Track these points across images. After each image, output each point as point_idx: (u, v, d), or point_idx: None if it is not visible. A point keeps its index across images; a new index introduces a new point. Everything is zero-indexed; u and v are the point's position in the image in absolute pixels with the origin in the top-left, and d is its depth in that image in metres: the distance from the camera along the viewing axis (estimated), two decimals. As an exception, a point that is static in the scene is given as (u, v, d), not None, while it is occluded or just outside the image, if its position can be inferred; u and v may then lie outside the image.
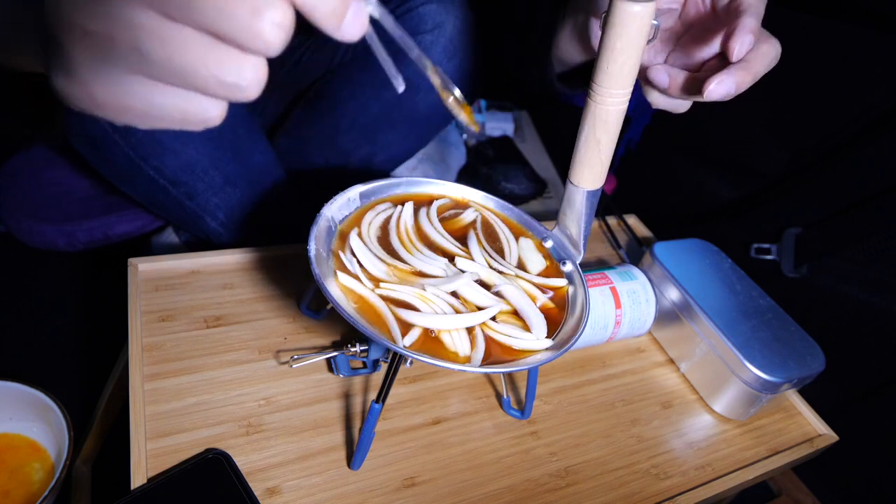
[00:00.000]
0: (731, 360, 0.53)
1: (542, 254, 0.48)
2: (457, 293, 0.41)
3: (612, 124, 0.37)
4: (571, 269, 0.46)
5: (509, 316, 0.42)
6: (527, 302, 0.42)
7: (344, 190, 0.46)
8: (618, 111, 0.37)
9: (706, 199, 1.00)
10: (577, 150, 0.40)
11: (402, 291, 0.40)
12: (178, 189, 0.67)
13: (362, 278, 0.40)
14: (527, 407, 0.50)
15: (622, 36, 0.33)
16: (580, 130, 0.39)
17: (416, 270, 0.43)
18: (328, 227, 0.43)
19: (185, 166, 0.66)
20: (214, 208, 0.70)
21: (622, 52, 0.34)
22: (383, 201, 0.48)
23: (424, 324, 0.38)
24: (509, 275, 0.45)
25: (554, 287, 0.45)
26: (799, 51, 0.86)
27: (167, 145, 0.64)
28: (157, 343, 0.49)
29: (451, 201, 0.51)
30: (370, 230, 0.44)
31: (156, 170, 0.65)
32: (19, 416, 0.61)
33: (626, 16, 0.33)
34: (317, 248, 0.39)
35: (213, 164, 0.67)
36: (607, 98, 0.36)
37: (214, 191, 0.69)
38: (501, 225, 0.50)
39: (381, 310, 0.39)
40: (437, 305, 0.40)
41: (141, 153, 0.63)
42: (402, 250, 0.44)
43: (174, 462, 0.42)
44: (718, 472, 0.51)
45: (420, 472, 0.45)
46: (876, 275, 0.75)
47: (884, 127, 0.75)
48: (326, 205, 0.43)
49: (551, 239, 0.48)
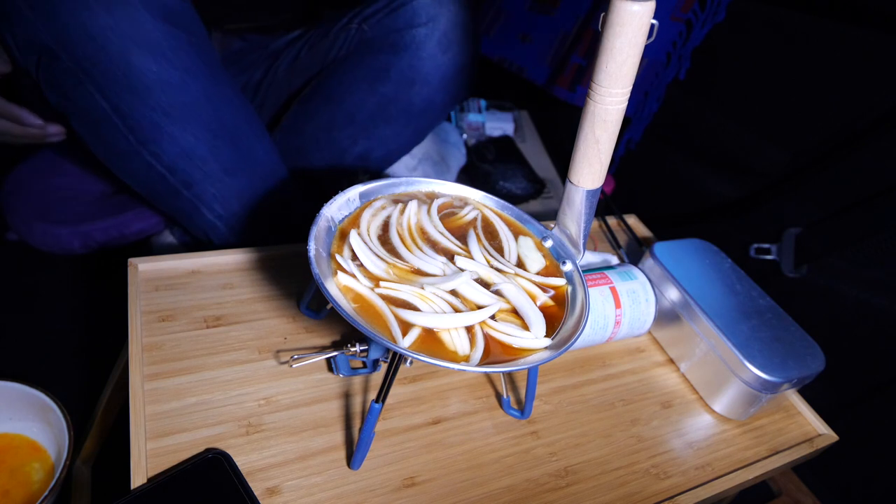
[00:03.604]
0: (731, 360, 0.53)
1: (541, 253, 0.48)
2: (456, 292, 0.41)
3: (611, 123, 0.37)
4: (571, 269, 0.46)
5: (508, 314, 0.42)
6: (526, 300, 0.42)
7: (343, 190, 0.46)
8: (617, 111, 0.37)
9: (706, 199, 1.01)
10: (577, 150, 0.40)
11: (402, 290, 0.40)
12: (176, 177, 0.67)
13: (360, 277, 0.40)
14: (527, 407, 0.50)
15: (621, 35, 0.33)
16: (580, 130, 0.39)
17: (416, 269, 0.43)
18: (328, 226, 0.43)
19: (183, 153, 0.65)
20: (211, 199, 0.70)
21: (621, 52, 0.34)
22: (382, 200, 0.48)
23: (424, 323, 0.38)
24: (508, 273, 0.45)
25: (553, 286, 0.45)
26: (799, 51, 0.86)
27: (166, 130, 0.63)
28: (157, 343, 0.49)
29: (451, 198, 0.51)
30: (370, 228, 0.44)
31: (154, 156, 0.65)
32: (19, 416, 0.61)
33: (625, 15, 0.33)
34: (316, 247, 0.39)
35: (211, 152, 0.67)
36: (606, 97, 0.36)
37: (212, 180, 0.69)
38: (501, 223, 0.50)
39: (381, 309, 0.39)
40: (437, 304, 0.40)
41: (140, 137, 0.63)
42: (402, 248, 0.44)
43: (174, 462, 0.42)
44: (718, 472, 0.51)
45: (420, 472, 0.46)
46: (876, 275, 0.75)
47: (884, 127, 0.75)
48: (326, 205, 0.43)
49: (551, 238, 0.49)
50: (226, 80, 0.67)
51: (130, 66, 0.59)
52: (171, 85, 0.61)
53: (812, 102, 0.85)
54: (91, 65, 0.58)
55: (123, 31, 0.57)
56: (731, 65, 0.97)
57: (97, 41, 0.57)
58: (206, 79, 0.64)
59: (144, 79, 0.60)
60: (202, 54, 0.63)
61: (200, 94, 0.63)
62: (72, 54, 0.58)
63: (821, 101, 0.83)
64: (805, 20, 0.83)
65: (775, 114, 0.90)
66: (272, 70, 0.90)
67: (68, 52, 0.58)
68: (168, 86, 0.61)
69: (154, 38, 0.59)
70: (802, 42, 0.85)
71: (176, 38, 0.60)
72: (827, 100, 0.83)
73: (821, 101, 0.83)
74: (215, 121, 0.66)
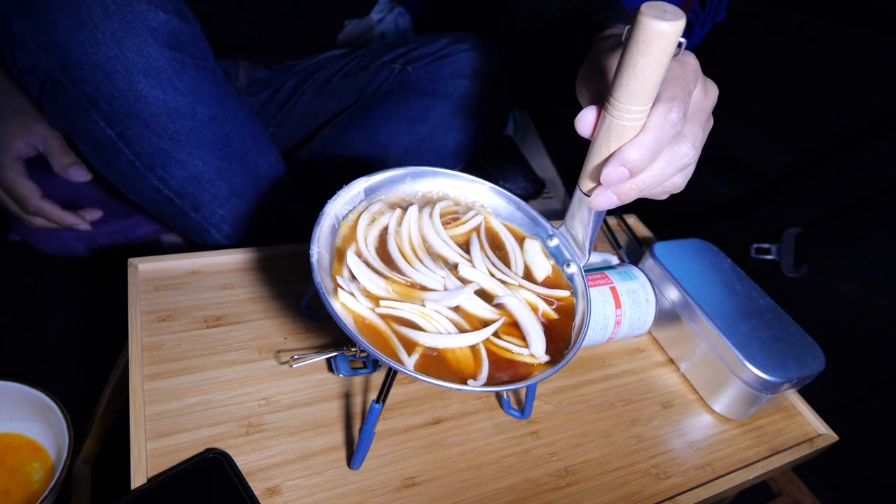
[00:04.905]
0: (731, 360, 0.53)
1: (546, 256, 0.48)
2: (458, 307, 0.41)
3: (627, 139, 0.36)
4: (574, 272, 0.46)
5: (509, 327, 0.41)
6: (528, 315, 0.42)
7: (348, 184, 0.44)
8: (635, 127, 0.35)
9: (706, 199, 1.00)
10: (590, 160, 0.39)
11: (403, 309, 0.39)
12: (184, 200, 0.66)
13: (360, 297, 0.39)
14: (527, 407, 0.50)
15: (646, 54, 0.31)
16: (594, 140, 0.38)
17: (415, 283, 0.42)
18: (332, 224, 0.42)
19: (191, 178, 0.65)
20: (220, 221, 0.69)
21: (644, 70, 0.32)
22: (380, 204, 0.46)
23: (428, 343, 0.38)
24: (512, 285, 0.44)
25: (559, 298, 0.45)
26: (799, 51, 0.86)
27: (173, 155, 0.63)
28: (157, 343, 0.49)
29: (454, 202, 0.49)
30: (368, 241, 0.43)
31: (161, 180, 0.64)
32: (19, 416, 0.61)
33: (652, 34, 0.31)
34: (319, 250, 0.39)
35: (219, 175, 0.66)
36: (625, 114, 0.35)
37: (220, 202, 0.68)
38: (506, 232, 0.48)
39: (383, 330, 0.38)
40: (439, 323, 0.39)
41: (146, 162, 0.62)
42: (402, 262, 0.42)
43: (174, 462, 0.42)
44: (718, 472, 0.51)
45: (420, 472, 0.46)
46: (876, 275, 0.75)
47: (884, 127, 0.75)
48: (330, 202, 0.42)
49: (557, 237, 0.48)
50: (231, 97, 0.66)
51: (137, 94, 0.58)
52: (177, 111, 0.60)
53: (812, 102, 0.85)
54: (97, 93, 0.57)
55: (129, 61, 0.56)
56: (731, 65, 0.96)
57: (103, 71, 0.56)
58: (212, 100, 0.63)
59: (151, 106, 0.59)
60: (207, 73, 0.62)
61: (207, 118, 0.62)
62: (78, 84, 0.57)
63: (821, 101, 0.83)
64: (805, 20, 0.83)
65: (775, 114, 0.90)
66: (299, 90, 0.92)
67: (74, 82, 0.57)
68: (175, 112, 0.60)
69: (159, 65, 0.58)
70: (802, 42, 0.85)
71: (181, 63, 0.59)
72: (827, 100, 0.82)
73: (821, 101, 0.83)
74: (224, 144, 0.65)
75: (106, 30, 0.55)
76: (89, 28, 0.55)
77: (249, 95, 0.93)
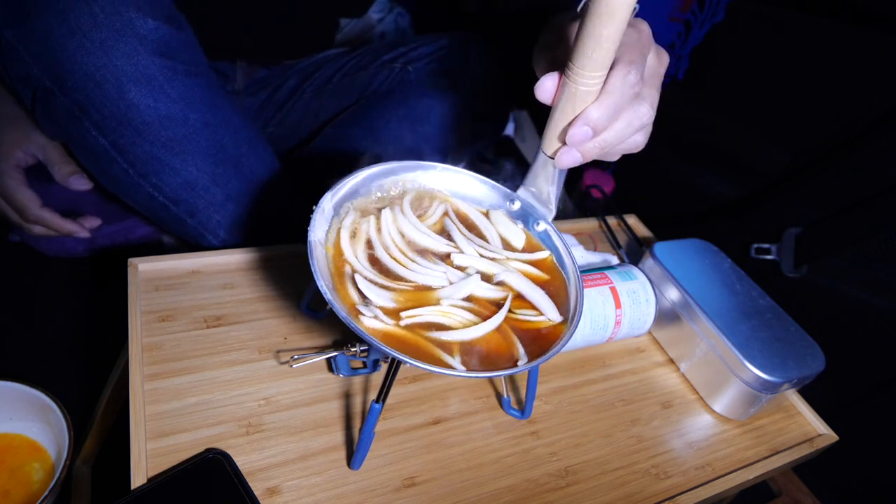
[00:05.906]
0: (731, 360, 0.53)
1: (514, 224, 0.48)
2: (470, 295, 0.41)
3: (588, 103, 0.39)
4: (545, 228, 0.47)
5: (517, 301, 0.42)
6: (528, 285, 0.43)
7: (316, 206, 0.42)
8: (595, 91, 0.38)
9: (706, 199, 1.01)
10: (552, 124, 0.41)
11: (424, 314, 0.39)
12: (179, 207, 0.66)
13: (382, 317, 0.38)
14: (527, 407, 0.50)
15: (609, 25, 0.34)
16: (555, 106, 0.40)
17: (421, 285, 0.41)
18: (322, 253, 0.40)
19: (185, 184, 0.65)
20: (216, 226, 0.69)
21: (608, 39, 0.34)
22: (352, 214, 0.44)
23: (462, 338, 0.38)
24: (501, 259, 0.45)
25: (539, 261, 0.46)
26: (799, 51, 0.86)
27: (166, 163, 0.62)
28: (157, 343, 0.49)
29: (415, 193, 0.47)
30: (360, 260, 0.41)
31: (155, 188, 0.64)
32: (19, 416, 0.61)
33: (617, 6, 0.33)
34: (326, 283, 0.37)
35: (214, 181, 0.66)
36: (588, 80, 0.37)
37: (216, 208, 0.68)
38: (471, 209, 0.48)
39: (413, 339, 0.38)
40: (459, 315, 0.40)
41: (140, 170, 0.62)
42: (399, 268, 0.42)
43: (174, 462, 0.42)
44: (718, 472, 0.51)
45: (420, 472, 0.46)
46: (876, 275, 0.75)
47: (884, 127, 0.75)
48: (310, 230, 0.40)
49: (517, 200, 0.48)
50: (224, 102, 0.65)
51: (128, 102, 0.57)
52: (169, 119, 0.60)
53: (812, 102, 0.85)
54: (88, 102, 0.57)
55: (119, 69, 0.56)
56: (731, 65, 0.97)
57: (94, 80, 0.56)
58: (204, 106, 0.62)
59: (142, 114, 0.59)
60: (199, 79, 0.62)
61: (199, 124, 0.62)
62: (69, 93, 0.57)
63: (821, 101, 0.83)
64: (805, 20, 0.83)
65: (775, 114, 0.90)
66: (300, 90, 0.92)
67: (65, 91, 0.57)
68: (167, 119, 0.60)
69: (150, 72, 0.57)
70: (802, 42, 0.85)
71: (172, 70, 0.59)
72: (827, 100, 0.83)
73: (821, 101, 0.83)
74: (217, 150, 0.65)
75: (95, 39, 0.55)
76: (78, 37, 0.54)
77: (248, 96, 0.93)
